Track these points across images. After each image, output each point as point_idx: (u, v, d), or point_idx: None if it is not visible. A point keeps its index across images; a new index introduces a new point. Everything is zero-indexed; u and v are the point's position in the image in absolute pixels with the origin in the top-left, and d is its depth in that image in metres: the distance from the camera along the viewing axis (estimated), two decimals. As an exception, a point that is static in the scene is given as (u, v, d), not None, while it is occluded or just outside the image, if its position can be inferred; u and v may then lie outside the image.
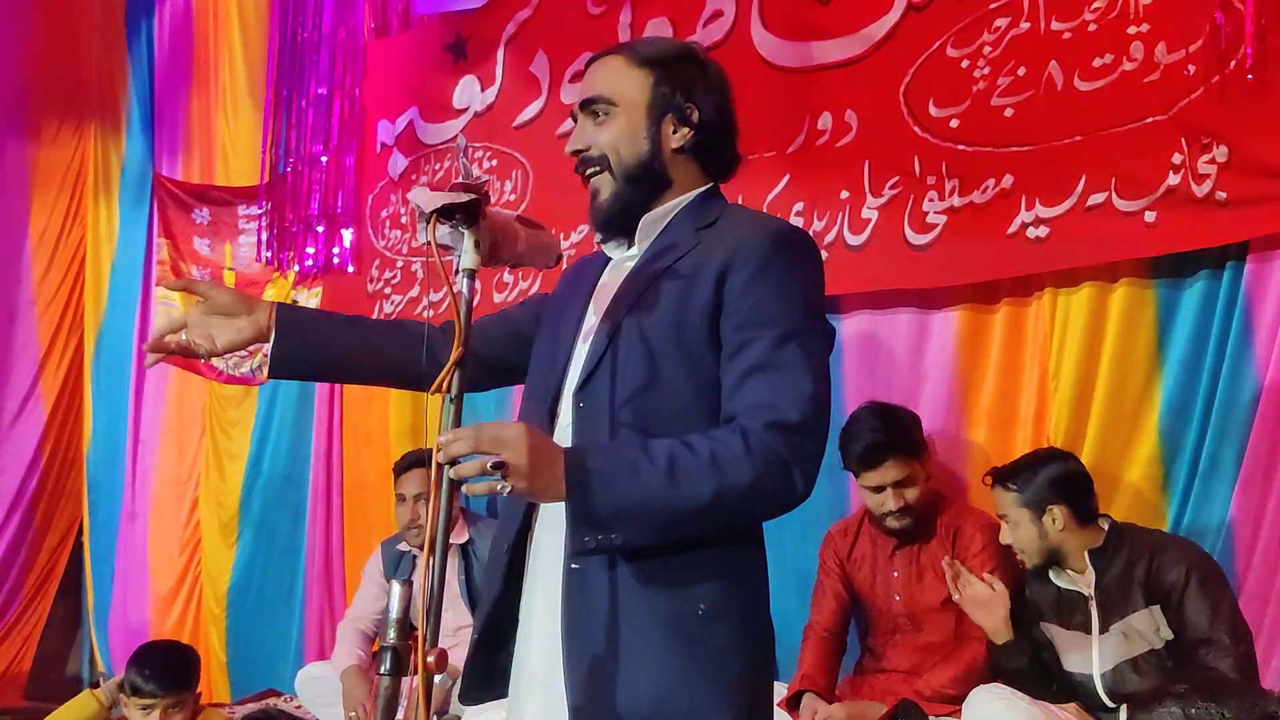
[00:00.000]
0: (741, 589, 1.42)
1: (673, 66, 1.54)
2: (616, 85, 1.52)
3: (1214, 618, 2.20)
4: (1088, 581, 2.38)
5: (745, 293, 1.39)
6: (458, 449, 1.23)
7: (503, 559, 1.49)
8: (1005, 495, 2.43)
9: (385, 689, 1.19)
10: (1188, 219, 2.50)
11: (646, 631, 1.35)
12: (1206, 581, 2.24)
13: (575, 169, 1.55)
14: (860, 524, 2.79)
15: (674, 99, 1.51)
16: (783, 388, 1.35)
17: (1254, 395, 2.48)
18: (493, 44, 3.94)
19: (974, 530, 2.62)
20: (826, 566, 2.82)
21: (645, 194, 1.52)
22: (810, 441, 1.36)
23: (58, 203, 5.32)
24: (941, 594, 2.61)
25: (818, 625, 2.76)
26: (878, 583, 2.72)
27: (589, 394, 1.44)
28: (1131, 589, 2.31)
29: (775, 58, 3.22)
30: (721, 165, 1.58)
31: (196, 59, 5.08)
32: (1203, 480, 2.54)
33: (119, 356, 5.20)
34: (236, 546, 4.67)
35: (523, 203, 3.75)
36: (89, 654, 5.26)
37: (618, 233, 1.55)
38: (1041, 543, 2.39)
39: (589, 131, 1.52)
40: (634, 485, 1.30)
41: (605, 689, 1.34)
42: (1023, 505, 2.39)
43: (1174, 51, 2.54)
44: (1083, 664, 2.38)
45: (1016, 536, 2.42)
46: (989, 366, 2.90)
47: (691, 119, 1.52)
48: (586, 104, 1.53)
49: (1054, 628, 2.43)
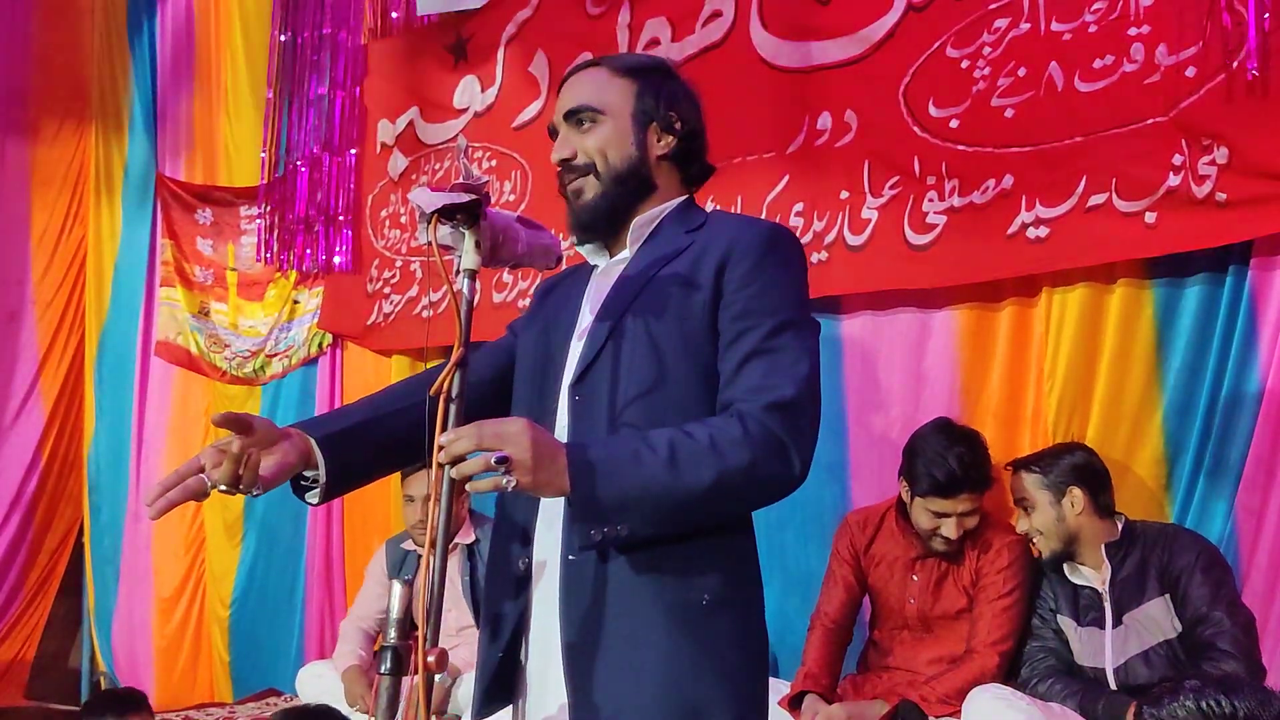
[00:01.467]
0: (741, 580, 1.43)
1: (652, 77, 1.58)
2: (601, 94, 1.54)
3: (1214, 597, 2.26)
4: (1103, 578, 2.41)
5: (743, 284, 1.43)
6: (460, 447, 1.24)
7: (516, 570, 1.47)
8: (1027, 477, 2.49)
9: (385, 689, 1.19)
10: (1188, 220, 2.50)
11: (650, 621, 1.35)
12: (1210, 566, 2.30)
13: (559, 179, 1.55)
14: (883, 520, 2.74)
15: (658, 108, 1.55)
16: (778, 370, 1.38)
17: (1258, 395, 2.48)
18: (493, 44, 3.95)
19: (1001, 546, 2.59)
20: (840, 556, 2.77)
21: (631, 196, 1.54)
22: (805, 422, 1.39)
23: (58, 202, 5.33)
24: (959, 604, 2.60)
25: (825, 615, 2.74)
26: (894, 583, 2.70)
27: (585, 388, 1.44)
28: (1147, 579, 2.35)
29: (775, 58, 3.22)
30: (697, 174, 1.62)
31: (198, 59, 5.09)
32: (1206, 479, 2.54)
33: (122, 357, 5.21)
34: (241, 547, 4.68)
35: (523, 203, 3.75)
36: (89, 653, 5.27)
37: (598, 235, 1.56)
38: (1059, 526, 2.43)
39: (574, 139, 1.54)
40: (637, 474, 1.30)
41: (607, 680, 1.34)
42: (1044, 487, 2.45)
43: (1174, 53, 2.53)
44: (1095, 658, 2.40)
45: (1034, 520, 2.46)
46: (993, 366, 2.90)
47: (675, 127, 1.56)
48: (571, 114, 1.54)
49: (1069, 622, 2.46)
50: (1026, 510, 2.50)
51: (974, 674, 2.48)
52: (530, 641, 1.45)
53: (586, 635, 1.36)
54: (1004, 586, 2.54)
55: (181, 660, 4.85)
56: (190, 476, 1.33)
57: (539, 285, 1.73)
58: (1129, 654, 2.35)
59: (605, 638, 1.35)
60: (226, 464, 1.31)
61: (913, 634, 2.69)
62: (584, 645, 1.36)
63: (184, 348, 4.96)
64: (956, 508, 2.56)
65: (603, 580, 1.37)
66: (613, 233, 1.56)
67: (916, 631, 2.68)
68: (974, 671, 2.48)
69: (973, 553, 2.62)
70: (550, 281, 1.70)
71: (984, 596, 2.56)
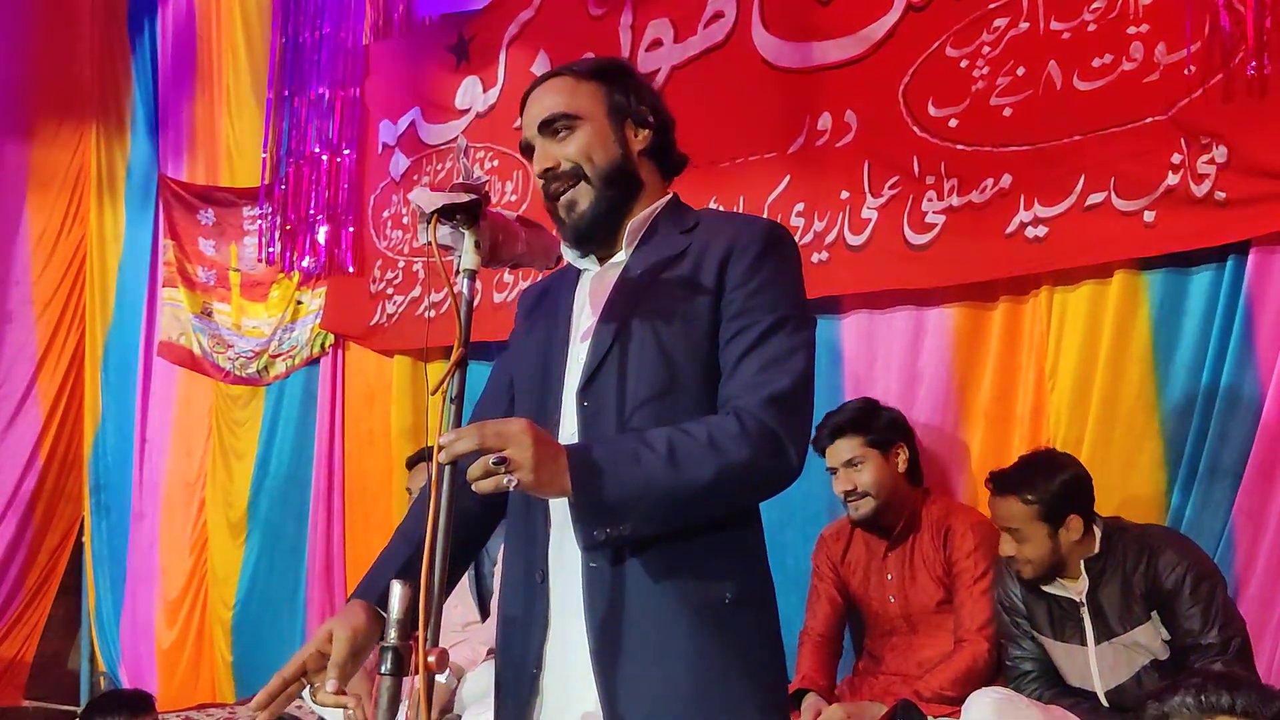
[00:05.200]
0: (757, 577, 1.44)
1: (616, 76, 1.57)
2: (572, 100, 1.52)
3: (1205, 619, 2.15)
4: (1079, 589, 2.31)
5: (743, 281, 1.44)
6: (461, 447, 1.24)
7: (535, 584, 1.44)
8: (1019, 508, 2.28)
9: (386, 689, 1.19)
10: (1187, 219, 2.50)
11: (677, 620, 1.36)
12: (1199, 581, 2.18)
13: (544, 190, 1.54)
14: (852, 527, 2.78)
15: (629, 104, 1.55)
16: (774, 366, 1.39)
17: (1256, 397, 2.47)
18: (495, 45, 3.95)
19: (965, 529, 2.60)
20: (820, 571, 2.81)
21: (625, 196, 1.53)
22: (800, 416, 1.41)
23: (57, 203, 5.34)
24: (936, 595, 2.61)
25: (813, 631, 2.76)
26: (872, 585, 2.71)
27: (593, 393, 1.44)
28: (1132, 600, 2.23)
29: (775, 58, 3.22)
30: (674, 165, 1.62)
31: (200, 60, 5.09)
32: (1204, 481, 2.53)
33: (126, 357, 5.23)
34: (245, 547, 4.69)
35: (523, 203, 3.76)
36: (89, 653, 5.28)
37: (599, 242, 1.55)
38: (1052, 557, 2.28)
39: (554, 150, 1.52)
40: (637, 473, 1.31)
41: (638, 686, 1.34)
42: (1040, 519, 2.25)
43: (1173, 52, 2.54)
44: (1082, 677, 2.34)
45: (1025, 550, 2.29)
46: (986, 365, 2.90)
47: (649, 121, 1.56)
48: (546, 124, 1.52)
49: (1049, 640, 2.39)
50: (1017, 540, 2.30)
51: (966, 662, 2.48)
52: (547, 653, 1.43)
53: (614, 642, 1.36)
54: (977, 570, 2.54)
55: (184, 661, 4.85)
56: (293, 684, 1.37)
57: (521, 299, 1.71)
58: (1120, 678, 2.28)
59: (632, 643, 1.35)
60: (331, 677, 1.34)
61: (901, 638, 2.68)
62: (612, 652, 1.36)
63: (187, 348, 4.96)
64: (837, 458, 2.65)
65: (625, 585, 1.37)
66: (609, 239, 1.55)
67: (904, 635, 2.68)
68: (966, 660, 2.48)
69: (938, 539, 2.63)
70: (533, 292, 1.68)
71: (960, 584, 2.57)
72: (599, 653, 1.36)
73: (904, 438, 2.71)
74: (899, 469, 2.67)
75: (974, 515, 2.66)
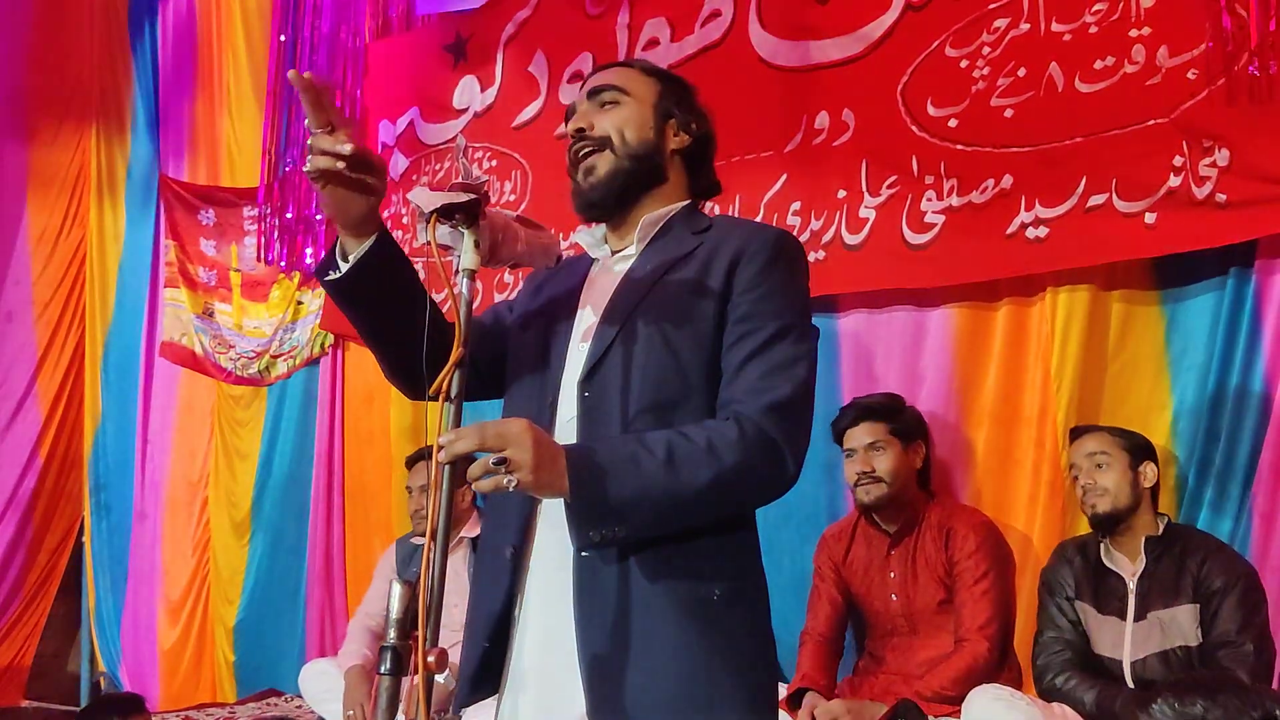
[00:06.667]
0: (749, 575, 1.45)
1: (676, 85, 1.63)
2: (628, 82, 1.58)
3: (1245, 624, 2.23)
4: (1134, 570, 2.39)
5: (750, 286, 1.45)
6: (461, 447, 1.24)
7: (506, 562, 1.48)
8: (1106, 437, 2.47)
9: (385, 689, 1.19)
10: (1188, 220, 2.50)
11: (664, 616, 1.36)
12: (1249, 591, 2.27)
13: (570, 150, 1.57)
14: (855, 527, 2.79)
15: (678, 109, 1.60)
16: (776, 372, 1.40)
17: (1266, 397, 2.47)
18: (492, 44, 3.95)
19: (967, 530, 2.61)
20: (821, 571, 2.82)
21: (643, 178, 1.55)
22: (800, 424, 1.41)
23: (57, 203, 5.34)
24: (937, 595, 2.62)
25: (814, 631, 2.77)
26: (874, 585, 2.72)
27: (594, 386, 1.44)
28: (1183, 581, 2.32)
29: (773, 57, 3.23)
30: (705, 188, 1.65)
31: (200, 60, 5.10)
32: (1215, 482, 2.54)
33: (128, 358, 5.22)
34: (249, 547, 4.68)
35: (523, 203, 3.75)
36: (89, 653, 5.28)
37: (604, 215, 1.57)
38: (1130, 490, 2.41)
39: (594, 114, 1.56)
40: (635, 476, 1.31)
41: (625, 678, 1.35)
42: (1124, 449, 2.44)
43: (1176, 55, 2.54)
44: (1114, 649, 2.39)
45: (1106, 477, 2.42)
46: (990, 365, 2.90)
47: (691, 128, 1.60)
48: (595, 92, 1.57)
49: (1088, 609, 2.45)
50: (1100, 465, 2.44)
51: (966, 662, 2.48)
52: (526, 638, 1.45)
53: (603, 634, 1.36)
54: (977, 570, 2.55)
55: (186, 661, 4.85)
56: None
57: (531, 277, 1.73)
58: (1149, 650, 2.33)
59: (621, 635, 1.36)
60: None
61: (902, 638, 2.69)
62: (601, 643, 1.36)
63: (189, 349, 4.96)
64: (859, 440, 2.68)
65: (615, 579, 1.37)
66: (618, 217, 1.57)
67: (905, 635, 2.68)
68: (966, 660, 2.49)
69: (940, 539, 2.64)
70: (544, 275, 1.69)
71: (961, 584, 2.58)
72: (589, 646, 1.36)
73: (924, 437, 2.77)
74: (915, 465, 2.71)
75: (977, 517, 2.66)
